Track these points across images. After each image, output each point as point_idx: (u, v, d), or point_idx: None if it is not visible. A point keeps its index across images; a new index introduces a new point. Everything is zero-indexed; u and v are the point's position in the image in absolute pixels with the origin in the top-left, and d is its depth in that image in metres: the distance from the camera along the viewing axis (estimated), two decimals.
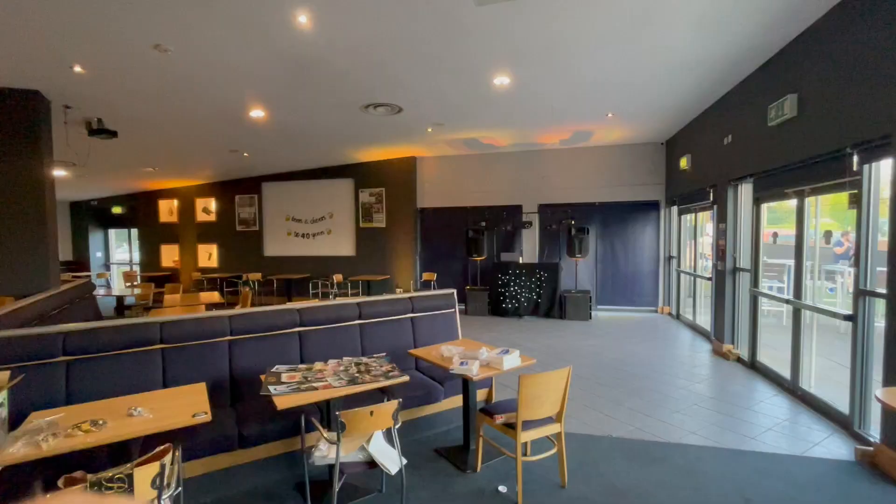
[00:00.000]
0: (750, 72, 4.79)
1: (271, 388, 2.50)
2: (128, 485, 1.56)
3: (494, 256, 9.24)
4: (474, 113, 6.48)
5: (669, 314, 8.40)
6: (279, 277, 10.39)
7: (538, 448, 3.10)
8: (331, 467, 2.66)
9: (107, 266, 14.22)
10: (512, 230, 9.26)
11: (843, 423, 3.49)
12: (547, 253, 9.13)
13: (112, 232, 14.37)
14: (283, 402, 2.31)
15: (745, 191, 5.24)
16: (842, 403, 3.57)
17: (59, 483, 1.62)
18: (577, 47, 4.23)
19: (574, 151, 8.93)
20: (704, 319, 6.88)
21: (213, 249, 11.71)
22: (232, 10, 3.42)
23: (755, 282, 5.02)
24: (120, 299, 8.58)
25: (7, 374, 2.39)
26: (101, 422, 2.02)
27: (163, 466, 1.67)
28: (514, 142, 8.47)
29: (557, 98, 5.79)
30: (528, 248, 9.22)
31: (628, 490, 2.73)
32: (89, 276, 12.62)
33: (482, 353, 2.94)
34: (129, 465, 1.61)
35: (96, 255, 13.98)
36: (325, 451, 2.29)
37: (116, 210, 13.35)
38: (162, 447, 1.75)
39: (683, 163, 6.98)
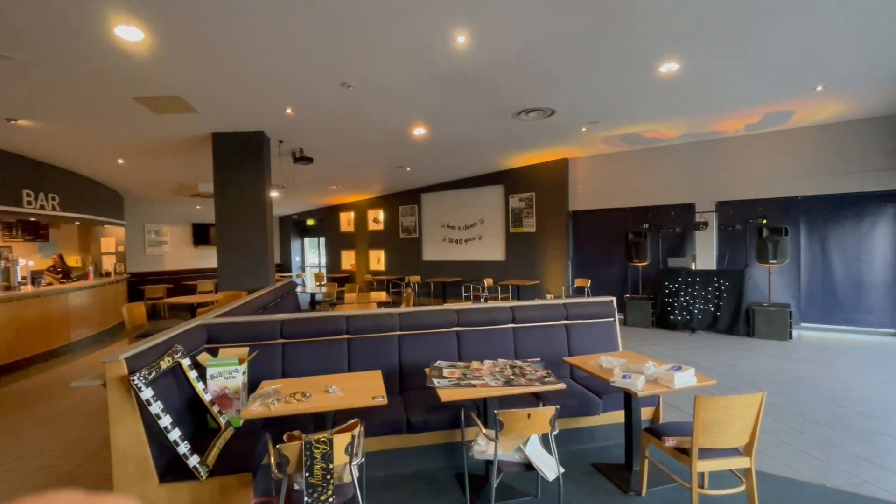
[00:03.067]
0: None
1: (435, 381, 2.71)
2: (329, 447, 1.88)
3: (660, 262, 8.33)
4: (635, 106, 5.98)
5: None
6: (435, 280, 11.20)
7: (719, 482, 2.67)
8: (488, 463, 2.76)
9: (302, 268, 17.35)
10: (682, 232, 8.22)
11: None
12: (728, 258, 7.83)
13: (306, 240, 17.50)
14: (446, 395, 2.48)
15: None
16: None
17: (284, 437, 2.05)
18: (772, 13, 3.56)
19: (765, 137, 7.48)
20: None
21: (381, 254, 13.27)
22: (401, 40, 3.85)
23: None
24: (312, 296, 10.39)
25: (247, 349, 3.12)
26: (307, 394, 2.47)
27: (353, 437, 1.96)
28: (683, 133, 7.53)
29: (743, 77, 4.94)
30: (704, 253, 8.04)
31: None
32: (291, 276, 15.60)
33: (649, 367, 2.68)
34: (329, 432, 1.94)
35: (295, 259, 17.17)
36: (483, 446, 2.38)
37: (309, 222, 16.22)
38: (352, 421, 2.05)
39: None
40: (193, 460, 2.29)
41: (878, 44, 4.20)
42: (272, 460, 2.04)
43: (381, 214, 13.19)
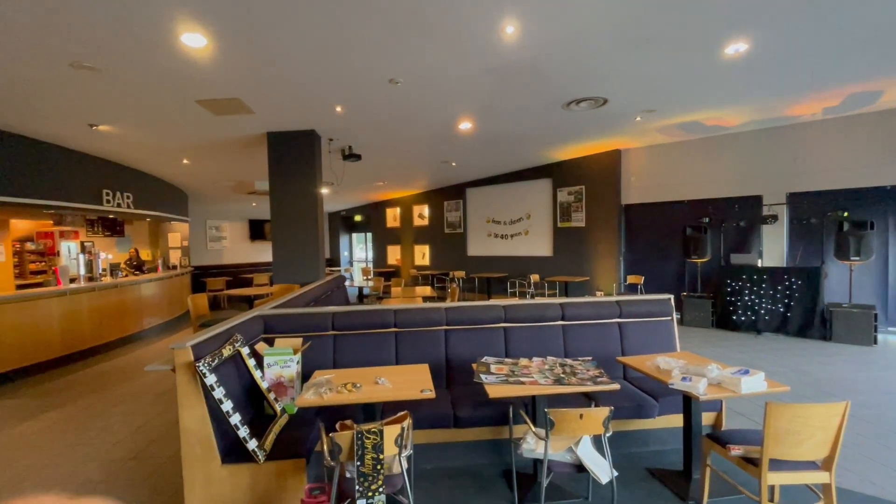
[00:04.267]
0: None
1: (483, 376, 2.68)
2: (379, 438, 1.91)
3: (721, 258, 7.80)
4: (696, 93, 5.61)
5: None
6: (480, 276, 11.14)
7: (791, 496, 2.46)
8: (537, 462, 2.70)
9: (350, 263, 17.85)
10: (746, 226, 7.64)
11: None
12: (801, 254, 7.20)
13: (354, 236, 17.98)
14: (494, 391, 2.45)
15: None
16: None
17: (337, 426, 2.10)
18: None
19: (846, 121, 6.78)
20: None
21: (426, 249, 13.38)
22: (449, 33, 3.82)
23: None
24: (360, 290, 10.66)
25: (300, 340, 3.23)
26: (358, 385, 2.52)
27: (403, 429, 1.97)
28: (750, 118, 6.98)
29: (821, 54, 4.49)
30: (772, 249, 7.45)
31: None
32: (339, 270, 16.10)
33: (711, 369, 2.50)
34: (379, 423, 1.97)
35: (343, 253, 17.69)
36: (532, 444, 2.32)
37: (357, 218, 16.65)
38: (402, 413, 2.07)
39: None
40: (252, 444, 2.41)
41: None
42: (325, 448, 2.10)
43: (426, 210, 13.29)
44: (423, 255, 13.50)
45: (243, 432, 2.40)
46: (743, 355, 5.67)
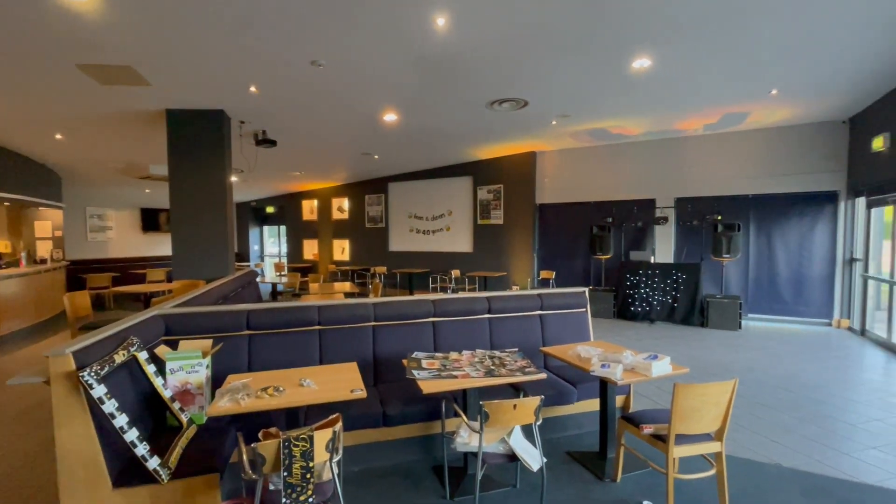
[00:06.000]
0: None
1: (415, 372, 2.63)
2: (309, 444, 1.77)
3: (622, 255, 8.60)
4: (606, 102, 6.08)
5: (849, 328, 6.92)
6: (402, 272, 11.06)
7: (689, 467, 2.77)
8: (467, 455, 2.73)
9: (261, 258, 16.68)
10: (643, 227, 8.52)
11: None
12: (686, 252, 8.20)
13: (266, 228, 16.81)
14: (427, 386, 2.42)
15: None
16: None
17: (260, 435, 1.91)
18: (739, 15, 3.68)
19: (722, 137, 7.85)
20: None
21: (346, 244, 12.95)
22: (376, 20, 3.68)
23: None
24: (273, 286, 9.99)
25: (210, 341, 2.91)
26: (281, 388, 2.33)
27: (335, 433, 1.86)
28: (647, 130, 7.76)
29: (707, 78, 5.12)
30: (663, 247, 8.38)
31: None
32: (249, 265, 14.95)
33: (626, 356, 2.72)
34: (309, 428, 1.82)
35: (253, 248, 16.47)
36: (466, 438, 2.33)
37: (270, 210, 15.58)
38: (334, 416, 1.95)
39: (878, 143, 5.66)
40: (153, 462, 2.11)
41: (828, 55, 4.46)
42: (244, 459, 1.90)
43: (346, 203, 12.84)
44: (342, 249, 13.04)
45: (142, 450, 2.09)
46: (640, 342, 6.31)
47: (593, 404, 3.42)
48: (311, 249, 13.97)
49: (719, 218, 7.64)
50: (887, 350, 5.74)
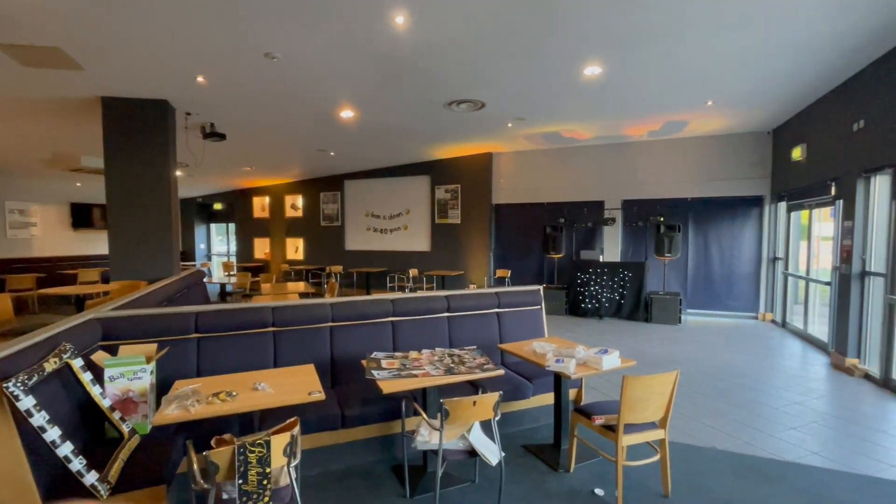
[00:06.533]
0: (891, 47, 4.16)
1: (374, 372, 2.62)
2: (266, 450, 1.72)
3: (573, 254, 8.95)
4: (559, 106, 6.30)
5: (772, 321, 7.59)
6: (359, 271, 10.90)
7: (636, 454, 2.95)
8: (426, 453, 2.75)
9: (208, 257, 15.85)
10: (592, 227, 8.90)
11: None
12: (631, 251, 8.66)
13: (213, 226, 15.98)
14: (388, 386, 2.41)
15: (881, 183, 4.57)
16: None
17: (212, 442, 1.83)
18: (681, 31, 3.94)
19: (664, 143, 8.36)
20: (819, 329, 6.13)
21: (300, 243, 12.58)
22: (334, 15, 3.62)
23: (892, 288, 4.36)
24: (222, 286, 9.52)
25: (155, 346, 2.75)
26: (233, 393, 2.24)
27: (293, 437, 1.82)
28: (597, 135, 8.12)
29: (652, 87, 5.44)
30: (611, 246, 8.80)
31: None
32: (195, 265, 14.16)
33: (579, 351, 2.85)
34: (265, 433, 1.78)
35: (200, 246, 15.61)
36: (426, 436, 2.35)
37: (217, 206, 14.83)
38: (292, 419, 1.90)
39: (796, 153, 6.25)
40: (91, 477, 1.97)
41: (758, 73, 4.87)
42: (195, 468, 1.82)
43: (299, 200, 12.46)
44: (296, 248, 12.65)
45: (77, 465, 1.95)
46: (590, 337, 6.60)
47: (548, 398, 3.55)
48: (262, 248, 13.44)
49: (661, 219, 8.13)
50: (804, 340, 6.36)
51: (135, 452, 2.28)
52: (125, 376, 2.50)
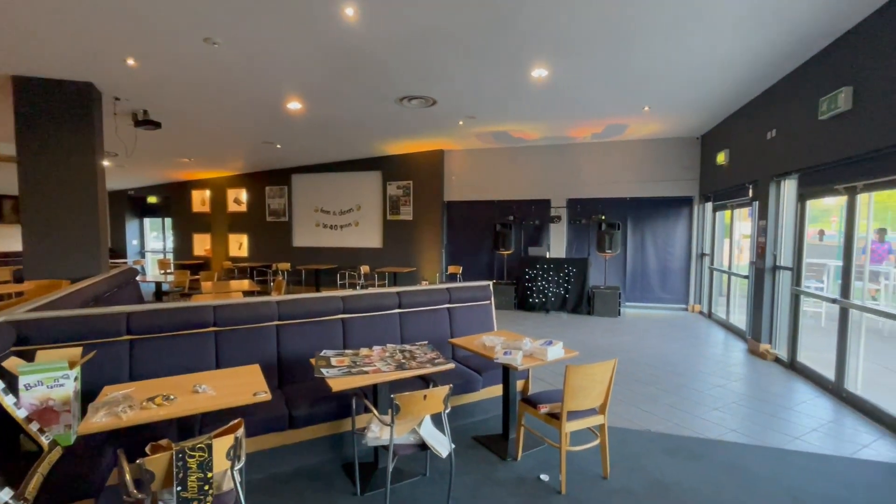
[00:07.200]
0: (798, 64, 4.64)
1: (324, 371, 2.58)
2: (207, 454, 1.66)
3: (522, 251, 9.22)
4: (508, 106, 6.45)
5: (700, 312, 8.25)
6: (307, 268, 10.59)
7: (578, 439, 3.11)
8: (377, 449, 2.75)
9: (142, 254, 14.74)
10: (539, 224, 9.22)
11: (893, 426, 3.40)
12: (575, 248, 9.06)
13: (147, 221, 14.87)
14: (337, 384, 2.39)
15: (789, 187, 5.10)
16: (891, 406, 3.48)
17: (147, 449, 1.73)
18: (621, 39, 4.17)
19: (606, 146, 8.80)
20: (739, 318, 6.74)
21: (244, 239, 12.01)
22: (283, 2, 3.49)
23: (797, 280, 4.89)
24: (158, 285, 8.91)
25: (80, 350, 2.54)
26: (171, 397, 2.13)
27: (237, 439, 1.76)
28: (544, 136, 8.40)
29: (595, 91, 5.71)
30: (556, 243, 9.16)
31: (672, 484, 2.72)
32: (126, 263, 13.12)
33: (525, 343, 2.96)
34: (206, 436, 1.70)
35: (132, 242, 14.48)
36: (377, 432, 2.36)
37: (152, 200, 13.81)
38: (235, 421, 1.84)
39: (721, 158, 6.81)
40: (3, 495, 1.79)
41: (688, 82, 5.26)
42: (127, 479, 1.72)
43: (243, 195, 11.89)
44: (239, 245, 12.06)
45: None
46: (537, 330, 6.85)
47: (497, 390, 3.65)
48: (202, 245, 12.69)
49: (603, 217, 8.58)
50: (726, 329, 6.98)
51: (57, 466, 2.11)
52: (44, 384, 2.29)
